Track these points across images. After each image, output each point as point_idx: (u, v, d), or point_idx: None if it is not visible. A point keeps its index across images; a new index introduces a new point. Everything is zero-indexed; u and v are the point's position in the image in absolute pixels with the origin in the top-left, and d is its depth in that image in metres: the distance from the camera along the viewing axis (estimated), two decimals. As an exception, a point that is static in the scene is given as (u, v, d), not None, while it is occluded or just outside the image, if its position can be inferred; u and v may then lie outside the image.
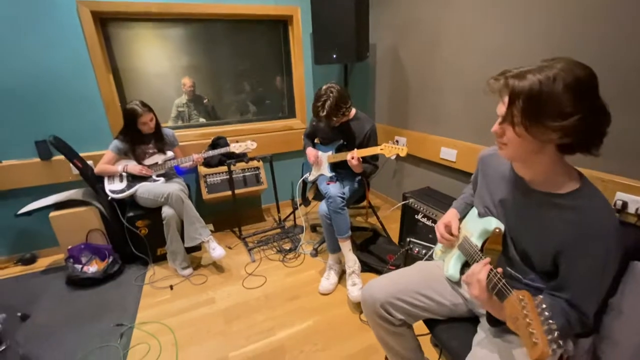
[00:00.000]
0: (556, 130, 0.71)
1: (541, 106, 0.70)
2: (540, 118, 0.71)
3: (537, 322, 0.61)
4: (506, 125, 0.78)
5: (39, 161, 2.21)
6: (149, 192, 2.09)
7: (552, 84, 0.69)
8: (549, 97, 0.70)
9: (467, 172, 2.10)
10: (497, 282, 0.77)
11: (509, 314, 0.70)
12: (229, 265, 2.24)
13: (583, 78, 0.70)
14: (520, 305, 0.66)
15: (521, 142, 0.77)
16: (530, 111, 0.72)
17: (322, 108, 1.79)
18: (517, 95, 0.73)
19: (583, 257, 0.77)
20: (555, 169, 0.81)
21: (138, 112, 2.05)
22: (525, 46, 1.65)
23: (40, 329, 1.72)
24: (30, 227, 2.32)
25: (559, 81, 0.69)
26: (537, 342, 0.58)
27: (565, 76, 0.69)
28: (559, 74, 0.70)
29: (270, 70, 2.91)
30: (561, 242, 0.80)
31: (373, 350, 1.52)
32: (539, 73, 0.71)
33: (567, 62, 0.72)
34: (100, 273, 2.06)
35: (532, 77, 0.71)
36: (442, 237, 1.13)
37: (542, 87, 0.70)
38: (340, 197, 1.82)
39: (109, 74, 2.30)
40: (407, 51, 2.48)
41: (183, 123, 2.75)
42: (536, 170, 0.83)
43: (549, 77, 0.70)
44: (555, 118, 0.70)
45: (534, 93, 0.70)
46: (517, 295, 0.69)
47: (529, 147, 0.77)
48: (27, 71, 2.06)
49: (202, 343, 1.61)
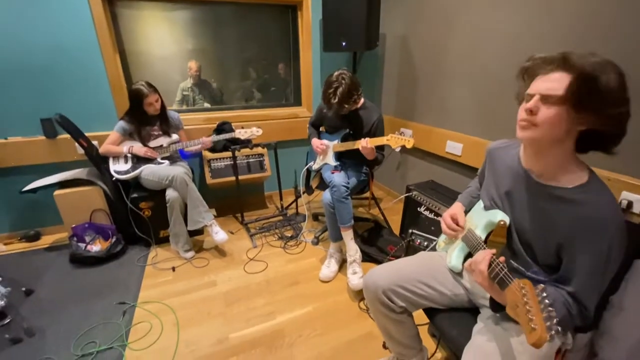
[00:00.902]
0: (607, 116, 0.71)
1: (602, 91, 0.69)
2: (597, 102, 0.70)
3: (536, 309, 0.62)
4: (548, 104, 0.74)
5: (44, 139, 2.21)
6: (154, 174, 2.10)
7: (610, 69, 0.70)
8: (608, 83, 0.69)
9: (472, 167, 2.10)
10: (499, 272, 0.77)
11: (510, 301, 0.71)
12: (230, 250, 2.26)
13: (622, 73, 0.71)
14: (521, 293, 0.67)
15: (555, 124, 0.75)
16: (591, 94, 0.70)
17: (334, 95, 1.76)
18: (584, 74, 0.70)
19: (586, 252, 0.78)
20: (566, 163, 0.81)
21: (144, 93, 2.04)
22: (541, 40, 1.62)
23: (44, 304, 1.75)
24: (34, 205, 2.34)
25: (611, 70, 0.70)
26: (535, 328, 0.59)
27: (614, 67, 0.70)
28: (610, 64, 0.70)
29: (277, 56, 2.87)
30: (566, 235, 0.80)
31: (371, 337, 1.54)
32: (593, 57, 0.71)
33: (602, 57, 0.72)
34: (104, 252, 2.08)
35: (593, 59, 0.71)
36: (448, 229, 1.14)
37: (603, 70, 0.69)
38: (345, 187, 1.82)
39: (115, 54, 2.28)
40: (417, 42, 2.44)
41: (187, 107, 2.74)
42: (547, 162, 0.83)
43: (603, 64, 0.70)
44: (611, 105, 0.70)
45: (597, 74, 0.69)
46: (518, 283, 0.70)
47: (559, 132, 0.76)
48: (34, 47, 2.04)
49: (203, 324, 1.64)
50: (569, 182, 0.81)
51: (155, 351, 1.49)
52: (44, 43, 2.06)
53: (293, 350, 1.49)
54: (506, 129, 1.77)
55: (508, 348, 0.81)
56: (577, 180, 0.80)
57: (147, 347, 1.51)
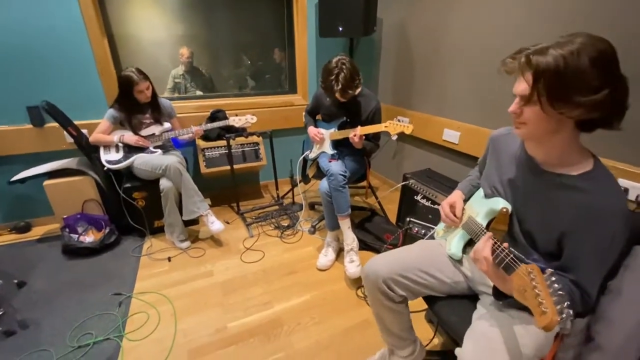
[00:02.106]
0: (585, 105, 0.69)
1: (569, 82, 0.68)
2: (568, 94, 0.69)
3: (545, 292, 0.62)
4: (528, 104, 0.75)
5: (32, 127, 2.13)
6: (146, 164, 2.05)
7: (577, 58, 0.67)
8: (576, 72, 0.68)
9: (469, 155, 2.09)
10: (504, 257, 0.77)
11: (517, 286, 0.71)
12: (226, 240, 2.24)
13: (606, 51, 0.69)
14: (529, 277, 0.67)
15: (542, 120, 0.75)
16: (558, 88, 0.70)
17: (337, 81, 1.70)
18: (543, 72, 0.70)
19: (590, 240, 0.77)
20: (570, 150, 0.80)
21: (134, 80, 1.97)
22: (541, 26, 1.59)
23: (38, 296, 1.73)
24: (24, 195, 2.28)
25: (583, 55, 0.67)
26: (545, 311, 0.59)
27: (589, 50, 0.68)
28: (582, 48, 0.68)
29: (272, 42, 2.80)
30: (568, 223, 0.80)
31: (369, 325, 1.55)
32: (560, 48, 0.69)
33: (587, 36, 0.70)
34: (97, 243, 2.04)
35: (555, 52, 0.69)
36: (447, 217, 1.13)
37: (567, 62, 0.68)
38: (342, 175, 1.80)
39: (103, 38, 2.19)
40: (415, 28, 2.39)
41: (179, 95, 2.67)
42: (550, 151, 0.82)
43: (573, 51, 0.68)
44: (584, 93, 0.68)
45: (560, 69, 0.68)
46: (525, 268, 0.70)
47: (548, 125, 0.76)
48: (17, 31, 1.95)
49: (200, 313, 1.63)
50: (574, 170, 0.80)
51: (153, 341, 1.48)
52: (28, 27, 1.96)
53: (291, 339, 1.49)
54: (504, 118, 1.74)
55: (510, 333, 0.81)
56: (582, 168, 0.79)
57: (145, 337, 1.50)
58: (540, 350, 0.83)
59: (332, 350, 1.43)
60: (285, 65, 2.88)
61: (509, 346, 0.79)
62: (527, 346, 0.80)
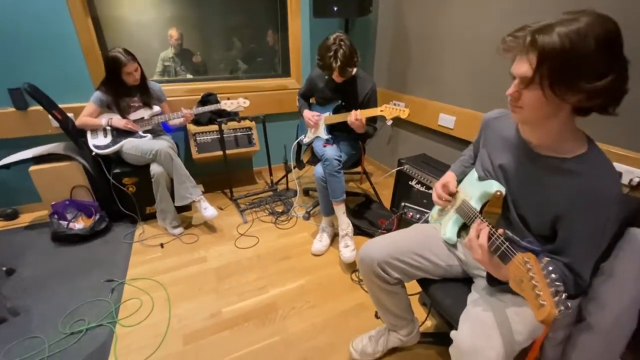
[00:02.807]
0: (588, 91, 0.66)
1: (575, 66, 0.65)
2: (573, 79, 0.66)
3: (543, 284, 0.61)
4: (528, 87, 0.72)
5: (14, 111, 2.05)
6: (136, 149, 2.00)
7: (584, 40, 0.64)
8: (582, 56, 0.64)
9: (464, 140, 2.08)
10: (500, 245, 0.76)
11: (513, 276, 0.70)
12: (220, 226, 2.22)
13: (612, 32, 0.65)
14: (526, 268, 0.66)
15: (540, 105, 0.72)
16: (563, 72, 0.66)
17: (335, 58, 1.64)
18: (548, 53, 0.66)
19: (583, 222, 0.77)
20: (565, 133, 0.79)
21: (122, 61, 1.89)
22: (540, 9, 1.55)
23: (28, 283, 1.70)
24: (9, 181, 2.21)
25: (590, 37, 0.64)
26: (544, 304, 0.58)
27: (596, 30, 0.64)
28: (589, 29, 0.64)
29: (264, 23, 2.71)
30: (563, 206, 0.79)
31: (363, 308, 1.57)
32: (565, 27, 0.65)
33: (592, 14, 0.66)
34: (87, 230, 2.01)
35: (561, 31, 0.65)
36: (440, 198, 1.12)
37: (573, 44, 0.64)
38: (337, 160, 1.78)
39: (87, 17, 2.09)
40: (412, 8, 2.33)
41: (169, 78, 2.59)
42: (546, 134, 0.80)
43: (579, 32, 0.64)
44: (590, 79, 0.65)
45: (566, 51, 0.64)
46: (522, 257, 0.69)
47: (546, 110, 0.73)
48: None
49: (195, 299, 1.62)
50: (569, 152, 0.79)
51: (147, 326, 1.47)
52: (7, 5, 1.86)
53: (286, 322, 1.50)
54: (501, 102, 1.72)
55: (504, 317, 0.81)
56: (576, 150, 0.78)
57: (139, 323, 1.49)
58: (533, 332, 0.83)
59: (327, 333, 1.44)
60: (278, 47, 2.80)
61: (503, 330, 0.80)
62: (520, 331, 0.81)
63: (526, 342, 0.83)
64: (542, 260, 0.65)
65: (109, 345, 1.38)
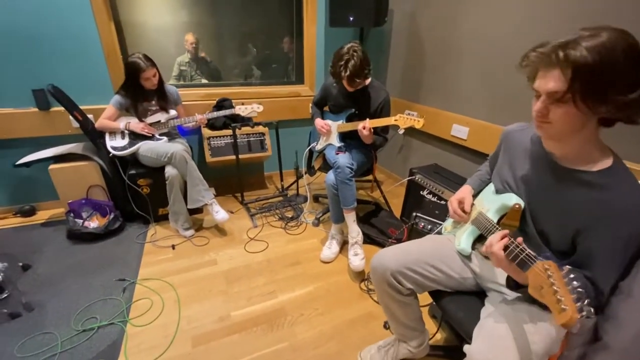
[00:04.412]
0: (619, 102, 0.66)
1: (607, 79, 0.65)
2: (606, 92, 0.66)
3: (564, 290, 0.60)
4: (557, 103, 0.71)
5: (37, 111, 2.12)
6: (152, 151, 2.04)
7: (612, 53, 0.64)
8: (613, 68, 0.64)
9: (477, 152, 2.07)
10: (518, 253, 0.76)
11: (532, 283, 0.70)
12: (231, 229, 2.24)
13: (636, 45, 0.66)
14: (546, 274, 0.66)
15: (570, 119, 0.72)
16: (596, 86, 0.66)
17: (345, 68, 1.67)
18: (581, 68, 0.65)
19: (606, 237, 0.76)
20: (590, 146, 0.78)
21: (141, 67, 1.95)
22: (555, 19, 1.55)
23: (42, 279, 1.73)
24: (29, 179, 2.28)
25: (617, 50, 0.64)
26: (565, 308, 0.58)
27: (621, 44, 0.64)
28: (614, 42, 0.64)
29: (279, 31, 2.76)
30: (585, 220, 0.78)
31: (372, 317, 1.56)
32: (590, 42, 0.65)
33: (612, 30, 0.66)
34: (102, 229, 2.05)
35: (588, 45, 0.65)
36: (455, 213, 1.12)
37: (602, 57, 0.64)
38: (349, 168, 1.79)
39: (110, 22, 2.16)
40: (426, 19, 2.35)
41: (184, 82, 2.64)
42: (571, 146, 0.80)
43: (606, 46, 0.64)
44: (621, 91, 0.65)
45: (597, 65, 0.64)
46: (542, 265, 0.68)
47: (576, 123, 0.72)
48: (24, 13, 1.92)
49: (204, 301, 1.64)
50: (593, 166, 0.78)
51: (157, 327, 1.49)
52: (35, 9, 1.93)
53: (294, 329, 1.50)
54: (516, 114, 1.73)
55: (520, 331, 0.80)
56: (601, 164, 0.78)
57: (149, 323, 1.50)
58: (549, 348, 0.82)
59: (336, 341, 1.44)
60: (293, 55, 2.84)
61: (519, 344, 0.78)
62: (537, 344, 0.79)
63: (542, 359, 0.81)
64: (563, 268, 0.65)
65: (119, 343, 1.40)
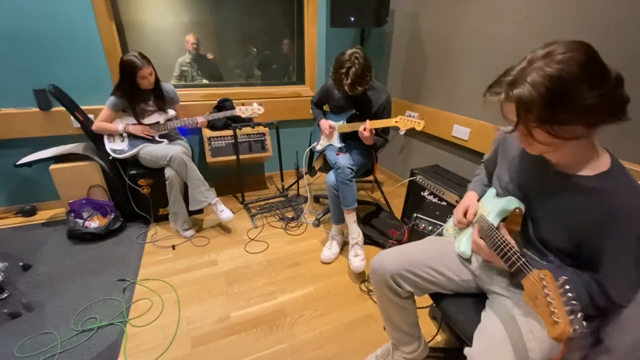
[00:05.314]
0: (582, 123, 0.66)
1: (559, 109, 0.65)
2: (561, 121, 0.66)
3: (558, 302, 0.60)
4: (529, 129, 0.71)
5: (38, 111, 2.13)
6: (151, 154, 2.03)
7: (559, 82, 0.63)
8: (563, 98, 0.64)
9: (478, 152, 2.06)
10: (516, 260, 0.75)
11: (528, 292, 0.69)
12: (230, 230, 2.24)
13: (587, 61, 0.64)
14: (541, 284, 0.65)
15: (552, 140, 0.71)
16: (549, 118, 0.66)
17: (347, 76, 1.67)
18: (527, 105, 0.66)
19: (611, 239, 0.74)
20: (584, 151, 0.78)
21: (137, 65, 1.89)
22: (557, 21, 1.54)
23: (42, 279, 1.74)
24: (30, 179, 2.29)
25: (566, 76, 0.63)
26: (557, 321, 0.57)
27: (570, 68, 0.63)
28: (562, 69, 0.63)
29: (280, 31, 2.76)
30: (588, 224, 0.77)
31: (372, 319, 1.55)
32: (538, 73, 0.65)
33: (564, 49, 0.65)
34: (102, 229, 2.05)
35: (535, 79, 0.65)
36: (460, 223, 1.10)
37: (549, 90, 0.64)
38: (350, 169, 1.78)
39: (111, 23, 2.17)
40: (427, 20, 2.34)
41: (185, 82, 2.65)
42: (565, 154, 0.79)
43: (553, 75, 0.64)
44: (578, 115, 0.65)
45: (544, 99, 0.64)
46: (537, 274, 0.68)
47: (557, 143, 0.72)
48: (25, 13, 1.92)
49: (204, 302, 1.63)
50: (591, 170, 0.77)
51: (157, 328, 1.49)
52: (36, 9, 1.94)
53: (294, 330, 1.49)
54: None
55: (518, 336, 0.80)
56: (599, 168, 0.77)
57: (148, 323, 1.50)
58: (549, 352, 0.81)
59: (335, 343, 1.43)
60: (294, 55, 2.84)
61: (517, 349, 0.78)
62: (535, 350, 0.78)
63: (543, 361, 0.81)
64: (559, 279, 0.64)
65: (119, 344, 1.40)
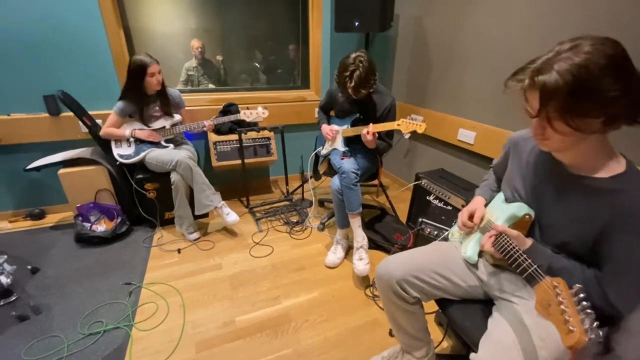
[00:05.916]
0: (605, 116, 0.65)
1: (582, 99, 0.64)
2: (583, 112, 0.65)
3: (573, 310, 0.59)
4: (548, 120, 0.71)
5: (48, 116, 2.16)
6: (157, 159, 2.05)
7: (585, 71, 0.63)
8: (588, 88, 0.63)
9: (484, 156, 2.05)
10: (527, 267, 0.74)
11: (540, 299, 0.68)
12: (236, 234, 2.24)
13: (614, 55, 0.64)
14: (554, 292, 0.64)
15: (565, 136, 0.71)
16: (571, 108, 0.66)
17: (350, 79, 1.68)
18: (551, 93, 0.66)
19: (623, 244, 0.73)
20: (599, 152, 0.77)
21: (146, 62, 1.91)
22: (564, 23, 1.54)
23: (50, 283, 1.75)
24: (39, 183, 2.32)
25: (593, 67, 0.63)
26: (573, 330, 0.56)
27: (597, 59, 0.63)
28: (590, 59, 0.63)
29: (285, 36, 2.78)
30: (600, 228, 0.76)
31: (377, 324, 1.54)
32: (565, 62, 0.64)
33: (591, 42, 0.65)
34: (109, 232, 2.07)
35: (562, 67, 0.64)
36: (464, 226, 1.09)
37: (576, 78, 0.63)
38: (354, 173, 1.78)
39: (119, 29, 2.20)
40: (432, 24, 2.34)
41: (192, 87, 2.67)
42: (578, 155, 0.78)
43: (580, 64, 0.63)
44: (601, 108, 0.64)
45: (570, 87, 0.64)
46: (550, 281, 0.66)
47: (574, 138, 0.71)
48: (35, 20, 1.97)
49: (209, 306, 1.64)
50: (605, 172, 0.76)
51: (162, 332, 1.49)
52: (45, 15, 1.98)
53: (299, 335, 1.49)
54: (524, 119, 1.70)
55: (527, 342, 0.79)
56: (614, 170, 0.76)
57: (154, 327, 1.51)
58: (558, 359, 0.80)
59: (340, 348, 1.42)
60: (299, 60, 2.85)
61: (526, 355, 0.77)
62: (546, 358, 0.77)
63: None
64: (573, 287, 0.63)
65: (125, 348, 1.40)
